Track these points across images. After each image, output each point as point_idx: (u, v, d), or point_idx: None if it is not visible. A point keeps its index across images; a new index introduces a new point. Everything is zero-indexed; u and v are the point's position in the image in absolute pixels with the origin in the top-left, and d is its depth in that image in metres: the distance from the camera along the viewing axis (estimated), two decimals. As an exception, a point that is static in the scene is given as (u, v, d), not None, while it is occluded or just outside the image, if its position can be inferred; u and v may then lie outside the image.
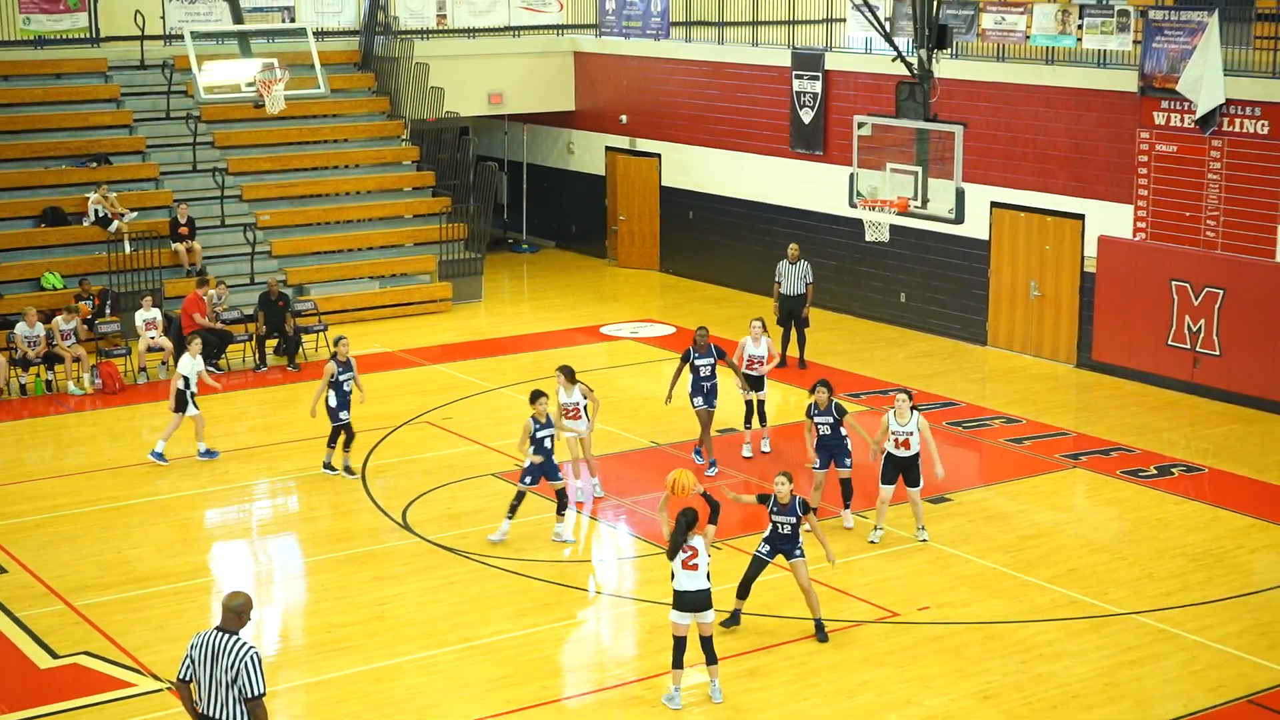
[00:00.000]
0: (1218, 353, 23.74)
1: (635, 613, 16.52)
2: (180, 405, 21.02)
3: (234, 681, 11.00)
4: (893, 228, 22.35)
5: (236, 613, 11.17)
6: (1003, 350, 26.94)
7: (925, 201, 20.62)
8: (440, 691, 14.55)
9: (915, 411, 17.71)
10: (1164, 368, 24.46)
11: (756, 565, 15.56)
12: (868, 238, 22.29)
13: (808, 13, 33.58)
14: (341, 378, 20.06)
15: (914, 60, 20.95)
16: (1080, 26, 25.62)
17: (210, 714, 11.16)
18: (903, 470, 17.78)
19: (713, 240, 32.42)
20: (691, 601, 13.85)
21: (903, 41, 23.68)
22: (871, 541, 17.92)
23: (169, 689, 14.43)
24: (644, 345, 27.58)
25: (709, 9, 34.62)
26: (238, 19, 27.40)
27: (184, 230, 27.99)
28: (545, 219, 37.22)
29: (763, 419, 21.36)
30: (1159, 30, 23.86)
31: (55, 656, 15.33)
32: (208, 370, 21.86)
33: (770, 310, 25.73)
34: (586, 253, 35.79)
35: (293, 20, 32.03)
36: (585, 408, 19.40)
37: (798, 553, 15.41)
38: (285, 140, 31.63)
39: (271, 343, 26.29)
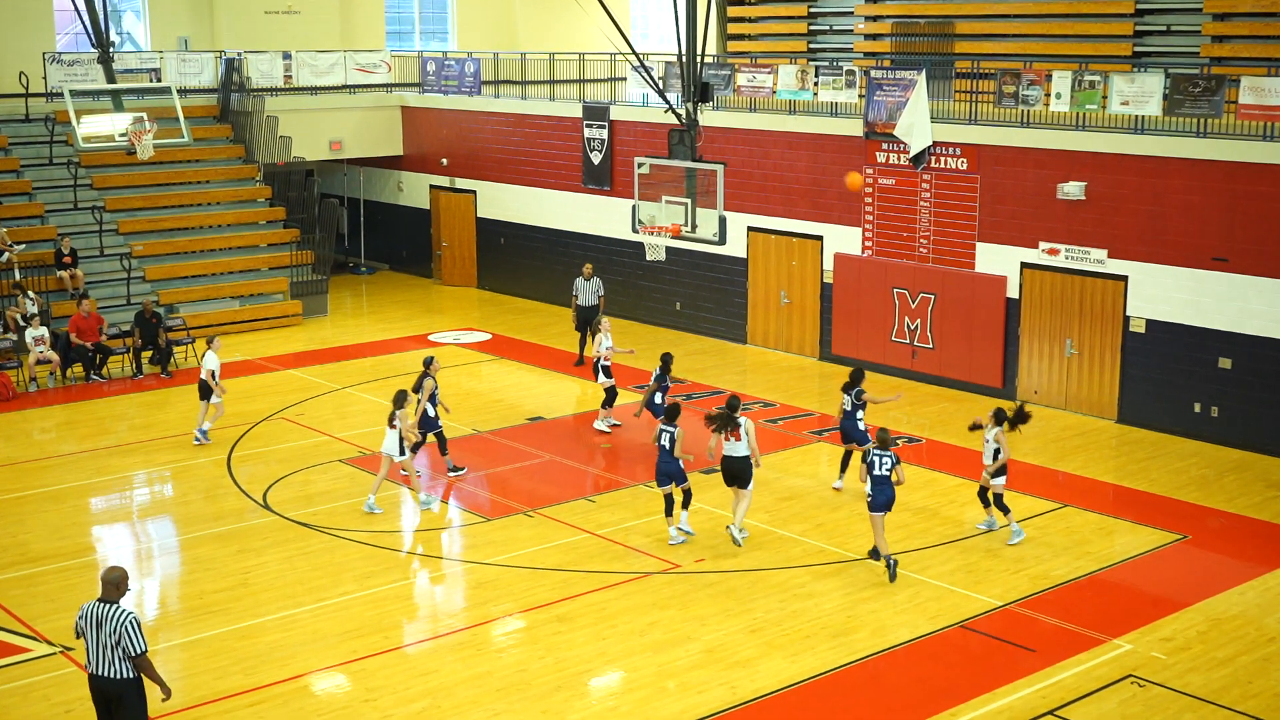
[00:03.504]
0: (931, 346, 24.25)
1: (462, 572, 16.34)
2: (205, 394, 20.72)
3: (118, 644, 10.69)
4: (668, 249, 22.41)
5: (114, 584, 10.85)
6: (759, 347, 27.21)
7: (694, 227, 20.69)
8: (297, 645, 14.23)
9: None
10: (889, 358, 24.91)
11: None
12: (648, 257, 22.31)
13: (595, 73, 33.66)
14: (436, 392, 19.22)
15: (683, 111, 21.01)
16: (816, 83, 26.00)
17: (99, 673, 10.84)
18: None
19: (521, 262, 32.25)
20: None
21: (673, 96, 23.78)
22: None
23: (62, 652, 13.94)
24: (465, 349, 27.32)
25: (513, 70, 34.49)
26: (111, 79, 26.56)
27: (68, 260, 27.03)
28: (380, 246, 36.69)
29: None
30: (879, 86, 24.30)
31: (-41, 628, 14.69)
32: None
33: (569, 318, 25.73)
34: (416, 274, 35.37)
35: (159, 80, 31.15)
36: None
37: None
38: (155, 182, 30.68)
39: (146, 354, 25.51)
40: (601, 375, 21.62)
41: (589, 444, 21.25)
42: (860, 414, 18.40)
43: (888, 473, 15.56)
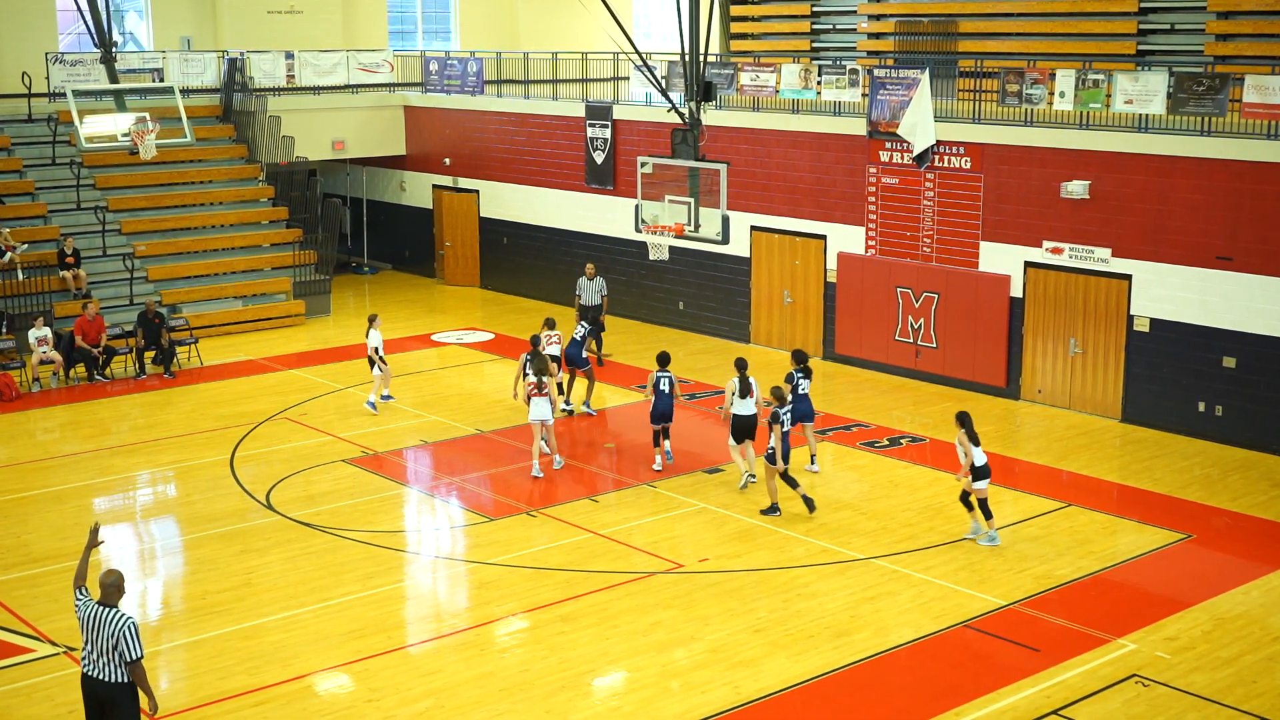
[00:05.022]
0: (935, 345, 24.23)
1: (466, 572, 16.34)
2: (374, 366, 22.55)
3: (115, 648, 10.69)
4: (671, 248, 22.36)
5: (115, 587, 10.87)
6: (763, 347, 27.20)
7: (697, 226, 20.67)
8: (300, 645, 14.24)
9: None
10: (892, 358, 24.91)
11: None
12: (651, 257, 22.28)
13: (598, 72, 33.64)
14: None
15: (686, 111, 20.99)
16: (819, 82, 25.99)
17: (93, 675, 10.82)
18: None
19: (523, 261, 32.26)
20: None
21: (676, 95, 23.76)
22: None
23: (65, 653, 13.94)
24: (468, 349, 27.33)
25: (516, 69, 34.49)
26: (113, 79, 26.57)
27: (70, 260, 27.04)
28: (383, 246, 36.71)
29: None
30: (882, 85, 24.29)
31: (-38, 629, 14.70)
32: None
33: (572, 318, 25.72)
34: (418, 273, 35.38)
35: (162, 80, 31.18)
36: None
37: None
38: (158, 182, 30.70)
39: (149, 354, 25.53)
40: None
41: (592, 444, 21.26)
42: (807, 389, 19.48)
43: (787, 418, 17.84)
